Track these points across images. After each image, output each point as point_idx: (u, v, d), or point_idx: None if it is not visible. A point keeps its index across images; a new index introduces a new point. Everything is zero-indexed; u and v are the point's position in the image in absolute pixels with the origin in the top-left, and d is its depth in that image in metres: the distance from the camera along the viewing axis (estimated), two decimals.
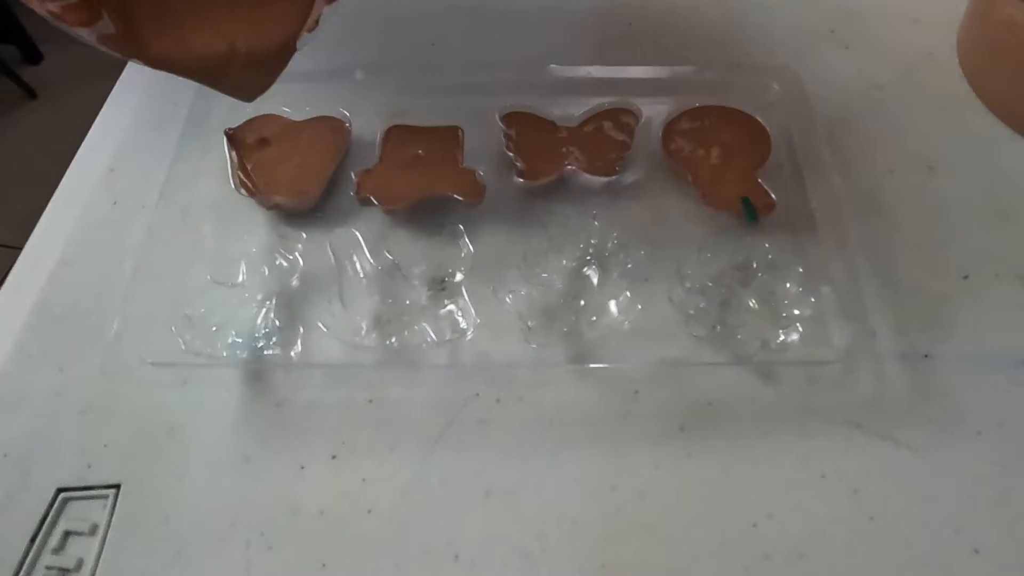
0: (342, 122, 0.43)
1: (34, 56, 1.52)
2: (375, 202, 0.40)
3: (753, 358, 0.35)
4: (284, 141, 0.43)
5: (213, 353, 0.36)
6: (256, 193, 0.40)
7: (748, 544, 0.31)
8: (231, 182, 0.41)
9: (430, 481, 0.33)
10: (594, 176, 0.41)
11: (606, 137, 0.43)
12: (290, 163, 0.42)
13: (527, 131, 0.43)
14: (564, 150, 0.42)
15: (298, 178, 0.41)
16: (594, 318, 0.36)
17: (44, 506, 0.33)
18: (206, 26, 0.31)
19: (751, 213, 0.39)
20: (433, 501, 0.33)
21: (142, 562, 0.32)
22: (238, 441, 0.35)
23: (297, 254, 0.39)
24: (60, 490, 0.34)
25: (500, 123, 0.43)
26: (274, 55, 0.33)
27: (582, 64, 0.45)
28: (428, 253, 0.39)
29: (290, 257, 0.39)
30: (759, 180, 0.40)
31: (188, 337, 0.35)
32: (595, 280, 0.38)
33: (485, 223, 0.40)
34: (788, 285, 0.37)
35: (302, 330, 0.37)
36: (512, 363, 0.36)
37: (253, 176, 0.41)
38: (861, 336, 0.35)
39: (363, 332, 0.36)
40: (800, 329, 0.35)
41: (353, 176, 0.41)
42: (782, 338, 0.35)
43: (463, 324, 0.36)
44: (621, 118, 0.43)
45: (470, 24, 0.52)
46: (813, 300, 0.36)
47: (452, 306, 0.37)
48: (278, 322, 0.37)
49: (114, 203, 0.43)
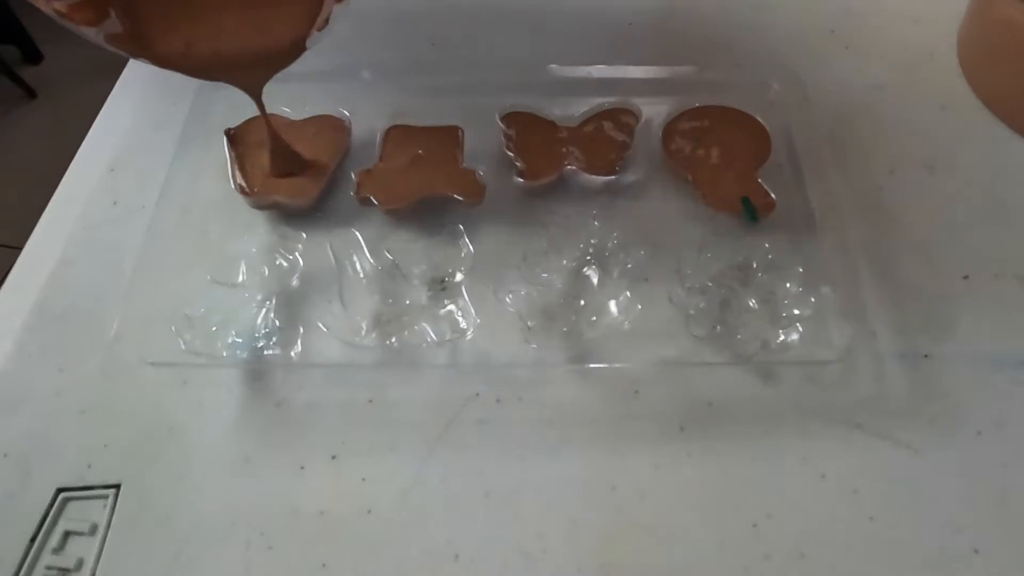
0: (342, 121, 0.43)
1: (34, 56, 1.52)
2: (375, 202, 0.40)
3: (753, 358, 0.35)
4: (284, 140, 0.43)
5: (213, 353, 0.36)
6: (255, 193, 0.40)
7: (748, 544, 0.31)
8: (231, 182, 0.41)
9: (430, 481, 0.33)
10: (594, 176, 0.41)
11: (606, 137, 0.43)
12: (290, 163, 0.42)
13: (527, 131, 0.43)
14: (564, 150, 0.42)
15: (299, 177, 0.41)
16: (594, 318, 0.36)
17: (44, 506, 0.33)
18: (215, 25, 0.31)
19: (751, 213, 0.39)
20: (433, 501, 0.33)
21: (142, 562, 0.32)
22: (238, 441, 0.35)
23: (297, 254, 0.39)
24: (60, 490, 0.34)
25: (500, 123, 0.43)
26: (283, 54, 0.33)
27: (582, 64, 0.45)
28: (428, 253, 0.39)
29: (290, 257, 0.39)
30: (759, 180, 0.40)
31: (188, 337, 0.35)
32: (595, 280, 0.38)
33: (485, 223, 0.40)
34: (788, 285, 0.37)
35: (302, 330, 0.37)
36: (512, 363, 0.36)
37: (253, 176, 0.41)
38: (861, 336, 0.35)
39: (363, 332, 0.36)
40: (800, 329, 0.35)
41: (353, 176, 0.41)
42: (782, 338, 0.35)
43: (463, 324, 0.36)
44: (621, 118, 0.43)
45: (470, 24, 0.52)
46: (813, 300, 0.36)
47: (452, 306, 0.37)
48: (278, 322, 0.37)
49: (114, 203, 0.43)
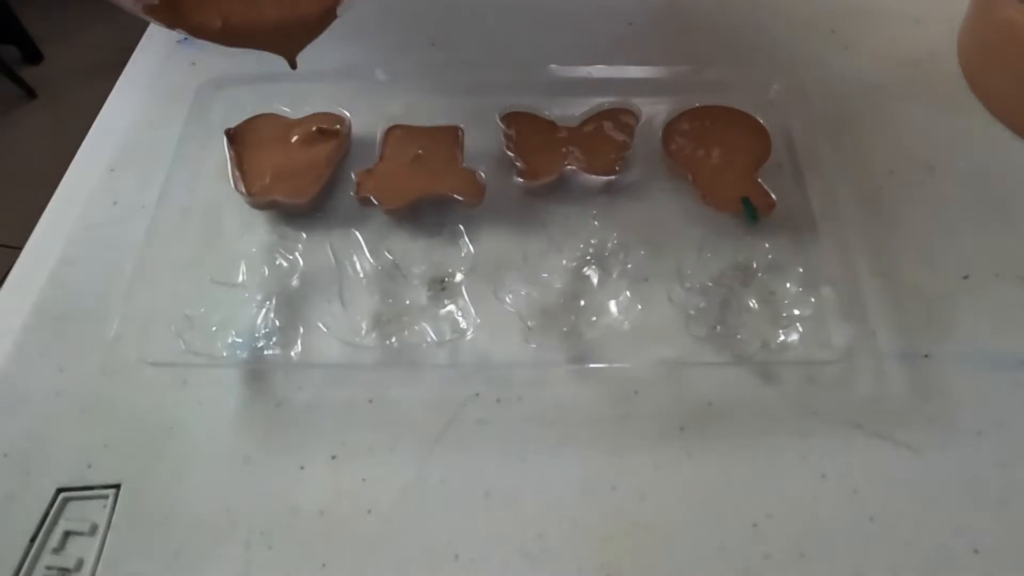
0: (342, 119, 0.43)
1: (34, 56, 1.52)
2: (375, 202, 0.40)
3: (753, 358, 0.35)
4: (283, 139, 0.43)
5: (213, 353, 0.36)
6: (255, 193, 0.40)
7: (748, 544, 0.31)
8: (231, 182, 0.41)
9: (430, 481, 0.33)
10: (594, 176, 0.41)
11: (606, 137, 0.43)
12: (291, 162, 0.42)
13: (527, 131, 0.43)
14: (564, 150, 0.42)
15: (298, 176, 0.41)
16: (594, 318, 0.36)
17: (44, 506, 0.33)
18: None
19: (751, 213, 0.39)
20: (433, 501, 0.33)
21: (142, 562, 0.32)
22: (238, 441, 0.35)
23: (297, 254, 0.39)
24: (60, 490, 0.34)
25: (500, 123, 0.43)
26: (315, 22, 0.33)
27: (582, 64, 0.45)
28: (428, 253, 0.39)
29: (290, 257, 0.39)
30: (759, 180, 0.40)
31: (188, 337, 0.35)
32: (595, 280, 0.38)
33: (485, 223, 0.40)
34: (788, 285, 0.37)
35: (302, 330, 0.37)
36: (512, 363, 0.36)
37: (252, 175, 0.41)
38: (861, 336, 0.35)
39: (363, 332, 0.36)
40: (800, 329, 0.35)
41: (353, 176, 0.41)
42: (782, 338, 0.35)
43: (463, 324, 0.36)
44: (621, 118, 0.43)
45: (470, 24, 0.52)
46: (813, 300, 0.36)
47: (452, 306, 0.37)
48: (278, 322, 0.37)
49: (114, 203, 0.43)
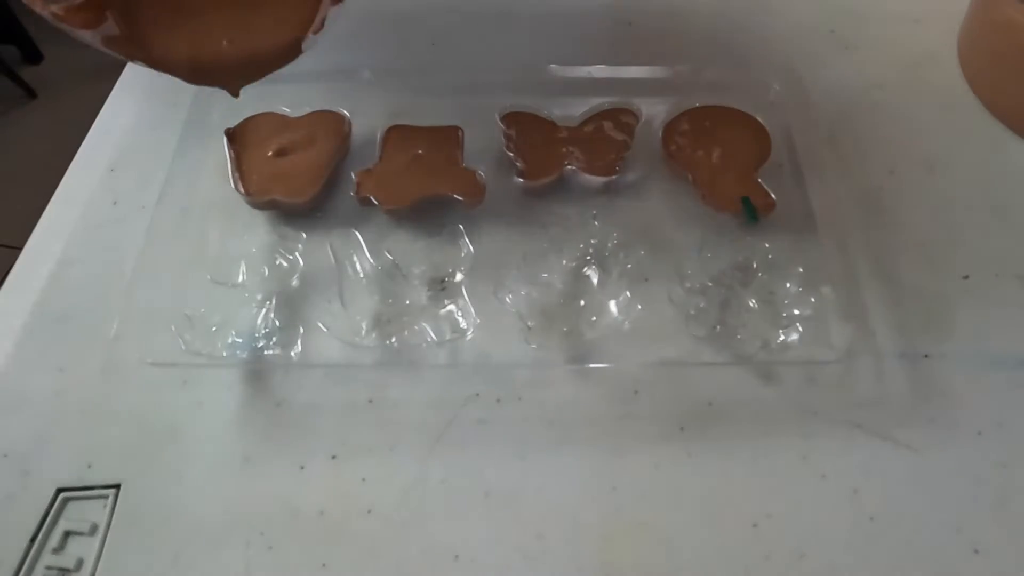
0: (342, 117, 0.43)
1: (34, 56, 1.52)
2: (375, 202, 0.40)
3: (753, 358, 0.35)
4: (284, 139, 0.43)
5: (213, 353, 0.36)
6: (254, 192, 0.40)
7: (748, 544, 0.31)
8: (231, 182, 0.41)
9: (430, 481, 0.33)
10: (594, 176, 0.41)
11: (606, 137, 0.43)
12: (290, 161, 0.42)
13: (527, 131, 0.43)
14: (564, 150, 0.42)
15: (298, 176, 0.41)
16: (594, 318, 0.36)
17: (44, 506, 0.33)
18: (212, 29, 0.31)
19: (751, 213, 0.39)
20: (433, 501, 0.33)
21: (142, 562, 0.32)
22: (238, 441, 0.35)
23: (297, 254, 0.39)
24: (60, 490, 0.34)
25: (500, 123, 0.43)
26: (280, 57, 0.33)
27: (582, 64, 0.45)
28: (428, 253, 0.39)
29: (290, 257, 0.39)
30: (759, 180, 0.40)
31: (188, 337, 0.35)
32: (595, 280, 0.38)
33: (485, 223, 0.40)
34: (788, 285, 0.37)
35: (302, 330, 0.37)
36: (512, 363, 0.36)
37: (252, 175, 0.41)
38: (861, 336, 0.35)
39: (363, 332, 0.36)
40: (800, 329, 0.35)
41: (353, 176, 0.41)
42: (782, 338, 0.35)
43: (463, 324, 0.36)
44: (621, 118, 0.43)
45: (470, 24, 0.52)
46: (813, 300, 0.36)
47: (452, 306, 0.37)
48: (278, 322, 0.37)
49: (114, 203, 0.43)
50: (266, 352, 0.36)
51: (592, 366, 0.36)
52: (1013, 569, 0.31)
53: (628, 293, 0.37)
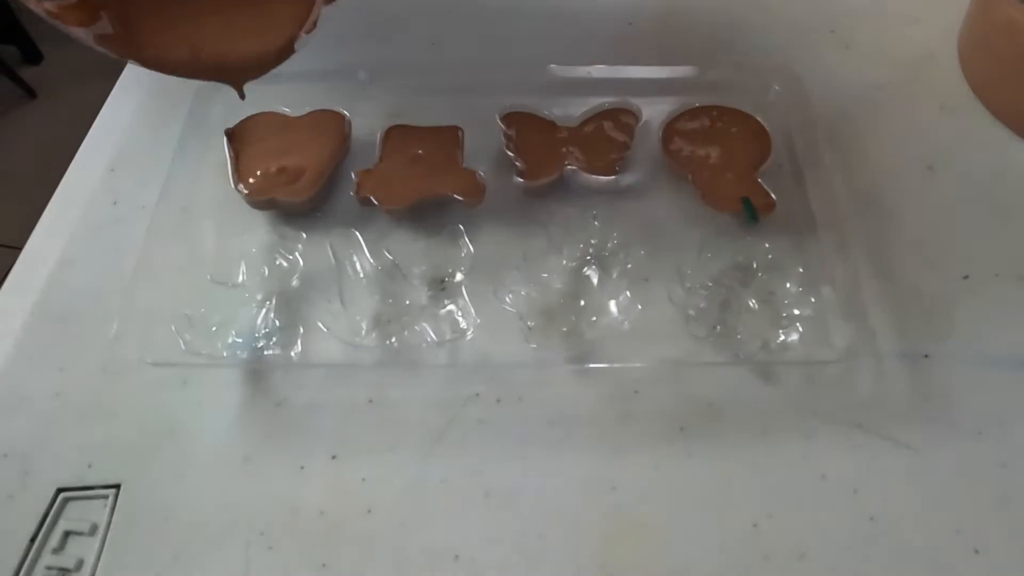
0: (342, 117, 0.43)
1: (34, 56, 1.52)
2: (375, 202, 0.40)
3: (753, 358, 0.35)
4: (283, 138, 0.43)
5: (213, 353, 0.36)
6: (254, 192, 0.40)
7: (748, 544, 0.31)
8: (231, 182, 0.41)
9: (430, 481, 0.33)
10: (594, 176, 0.41)
11: (606, 137, 0.43)
12: (289, 160, 0.42)
13: (527, 131, 0.43)
14: (564, 150, 0.42)
15: (297, 175, 0.41)
16: (594, 318, 0.36)
17: (44, 506, 0.33)
18: (205, 28, 0.31)
19: (751, 213, 0.39)
20: (433, 501, 0.33)
21: (142, 562, 0.32)
22: (238, 441, 0.35)
23: (297, 254, 0.39)
24: (60, 490, 0.34)
25: (500, 123, 0.43)
26: (273, 56, 0.33)
27: (582, 64, 0.45)
28: (428, 253, 0.39)
29: (290, 257, 0.39)
30: (759, 180, 0.40)
31: (188, 337, 0.35)
32: (595, 280, 0.38)
33: (485, 223, 0.40)
34: (788, 285, 0.37)
35: (302, 330, 0.37)
36: (512, 363, 0.36)
37: (252, 174, 0.41)
38: (861, 336, 0.35)
39: (363, 332, 0.36)
40: (800, 329, 0.35)
41: (353, 176, 0.41)
42: (782, 338, 0.35)
43: (463, 324, 0.36)
44: (621, 118, 0.43)
45: (470, 24, 0.52)
46: (813, 300, 0.36)
47: (452, 306, 0.37)
48: (278, 322, 0.37)
49: (114, 203, 0.43)
50: (266, 352, 0.36)
51: (592, 366, 0.36)
52: (1013, 569, 0.31)
53: (628, 293, 0.37)
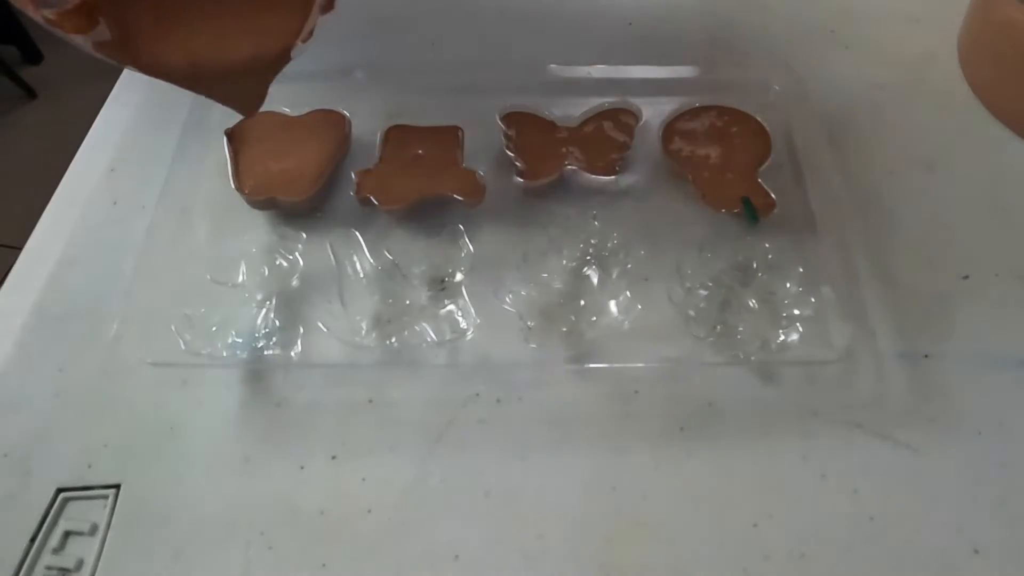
0: (342, 116, 0.43)
1: (34, 56, 1.52)
2: (375, 202, 0.40)
3: (753, 358, 0.35)
4: (283, 138, 0.43)
5: (213, 353, 0.36)
6: (253, 191, 0.40)
7: (748, 544, 0.31)
8: (231, 182, 0.41)
9: (430, 481, 0.33)
10: (594, 176, 0.41)
11: (606, 137, 0.43)
12: (289, 160, 0.42)
13: (527, 131, 0.43)
14: (564, 150, 0.42)
15: (297, 175, 0.41)
16: (594, 318, 0.36)
17: (44, 506, 0.33)
18: (203, 35, 0.31)
19: (751, 213, 0.39)
20: (433, 501, 0.33)
21: (142, 562, 0.32)
22: (238, 441, 0.35)
23: (297, 254, 0.39)
24: (60, 490, 0.34)
25: (500, 123, 0.43)
26: (269, 64, 0.33)
27: (582, 64, 0.45)
28: (428, 253, 0.39)
29: (290, 257, 0.39)
30: (759, 180, 0.40)
31: (188, 337, 0.35)
32: (595, 280, 0.38)
33: (485, 223, 0.40)
34: (788, 285, 0.37)
35: (302, 330, 0.37)
36: (512, 363, 0.36)
37: (252, 174, 0.41)
38: (861, 336, 0.35)
39: (363, 332, 0.36)
40: (800, 329, 0.35)
41: (353, 176, 0.41)
42: (782, 338, 0.35)
43: (463, 324, 0.36)
44: (621, 118, 0.43)
45: (470, 24, 0.52)
46: (813, 300, 0.36)
47: (452, 306, 0.37)
48: (278, 322, 0.37)
49: (114, 203, 0.43)
50: (266, 352, 0.36)
51: (592, 366, 0.36)
52: (1013, 569, 0.31)
53: (628, 293, 0.37)
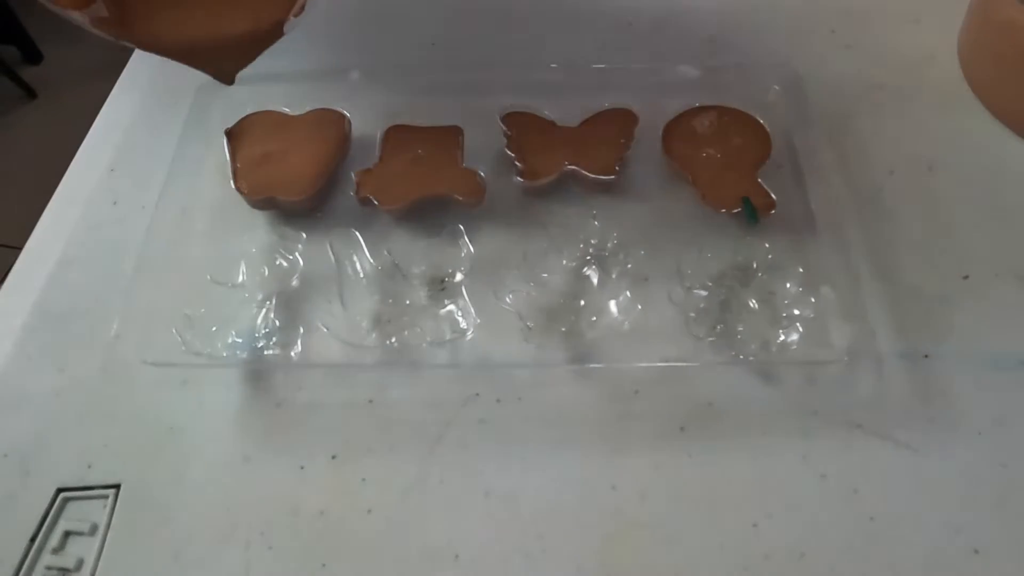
0: (342, 116, 0.43)
1: (34, 56, 1.52)
2: (375, 202, 0.40)
3: (753, 358, 0.35)
4: (283, 138, 0.43)
5: (213, 353, 0.36)
6: (253, 191, 0.40)
7: (748, 544, 0.31)
8: (231, 182, 0.41)
9: (430, 481, 0.33)
10: (594, 176, 0.41)
11: (606, 137, 0.43)
12: (289, 159, 0.42)
13: (527, 131, 0.43)
14: (564, 150, 0.42)
15: (297, 175, 0.41)
16: (594, 318, 0.36)
17: (44, 506, 0.33)
18: (197, 9, 0.32)
19: (751, 213, 0.39)
20: (433, 501, 0.33)
21: (142, 562, 0.32)
22: (238, 441, 0.35)
23: (297, 254, 0.39)
24: (60, 490, 0.34)
25: (500, 123, 0.43)
26: (262, 38, 0.34)
27: (582, 64, 0.45)
28: (428, 253, 0.39)
29: (290, 257, 0.39)
30: (759, 180, 0.40)
31: (188, 337, 0.35)
32: (595, 280, 0.38)
33: (485, 223, 0.40)
34: (788, 285, 0.37)
35: (302, 330, 0.37)
36: (512, 363, 0.36)
37: (252, 174, 0.41)
38: (861, 336, 0.35)
39: (363, 332, 0.36)
40: (800, 329, 0.35)
41: (353, 176, 0.41)
42: (782, 338, 0.35)
43: (463, 324, 0.36)
44: (621, 118, 0.43)
45: (470, 24, 0.52)
46: (813, 300, 0.36)
47: (452, 306, 0.37)
48: (278, 322, 0.37)
49: (114, 203, 0.43)
50: (266, 352, 0.36)
51: (592, 366, 0.36)
52: (1013, 569, 0.31)
53: (628, 293, 0.37)
